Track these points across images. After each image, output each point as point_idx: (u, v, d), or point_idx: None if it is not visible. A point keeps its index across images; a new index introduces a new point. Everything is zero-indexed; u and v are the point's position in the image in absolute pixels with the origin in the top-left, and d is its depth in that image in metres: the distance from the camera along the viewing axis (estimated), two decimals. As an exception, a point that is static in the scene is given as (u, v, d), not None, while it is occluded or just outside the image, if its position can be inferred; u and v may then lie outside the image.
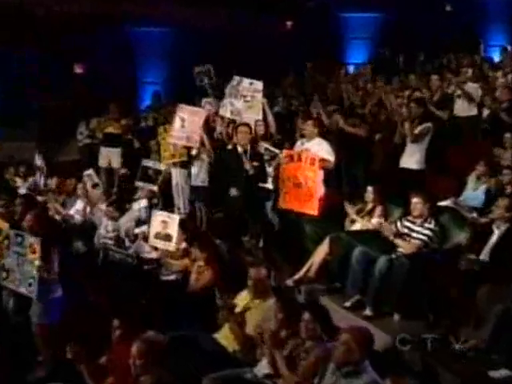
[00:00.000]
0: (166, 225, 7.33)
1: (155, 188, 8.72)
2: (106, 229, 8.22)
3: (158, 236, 7.36)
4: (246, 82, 8.57)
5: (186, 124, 8.55)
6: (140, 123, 12.91)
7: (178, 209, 9.04)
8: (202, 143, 8.65)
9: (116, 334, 4.92)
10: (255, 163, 7.57)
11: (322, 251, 6.79)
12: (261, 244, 8.26)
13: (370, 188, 7.16)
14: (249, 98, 8.50)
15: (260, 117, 8.34)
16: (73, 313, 5.84)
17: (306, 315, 4.57)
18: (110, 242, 8.06)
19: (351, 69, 13.98)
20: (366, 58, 14.96)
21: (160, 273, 7.24)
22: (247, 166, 7.49)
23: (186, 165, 9.24)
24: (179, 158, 9.13)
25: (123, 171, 11.39)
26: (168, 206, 9.01)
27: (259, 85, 8.52)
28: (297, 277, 6.77)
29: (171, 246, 7.28)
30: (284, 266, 7.25)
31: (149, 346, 4.23)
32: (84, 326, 5.56)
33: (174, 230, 7.28)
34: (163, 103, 13.45)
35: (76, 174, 10.52)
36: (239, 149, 7.65)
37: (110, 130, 11.24)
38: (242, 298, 5.46)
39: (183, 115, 8.59)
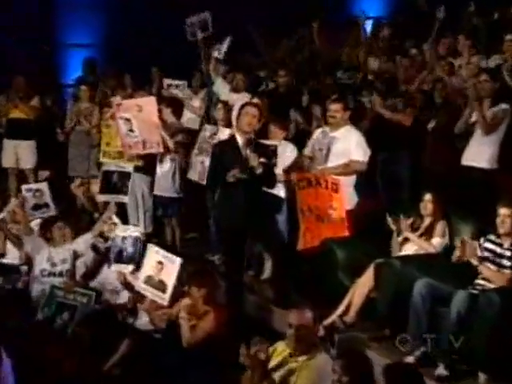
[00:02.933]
0: (161, 267, 7.08)
1: (126, 199, 8.64)
2: (50, 261, 8.05)
3: (148, 281, 7.11)
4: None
5: (134, 125, 8.57)
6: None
7: (135, 226, 8.97)
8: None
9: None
10: (262, 159, 7.32)
11: (364, 284, 6.84)
12: (266, 275, 8.30)
13: (428, 196, 7.22)
14: None
15: None
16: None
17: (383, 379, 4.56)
18: (59, 279, 7.90)
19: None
20: (385, 12, 14.96)
21: (135, 319, 7.20)
22: (254, 161, 7.15)
23: (146, 167, 9.29)
24: (135, 160, 9.18)
25: (46, 174, 11.26)
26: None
27: None
28: (329, 321, 6.77)
29: (163, 300, 7.01)
30: (306, 307, 7.20)
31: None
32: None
33: (171, 277, 6.99)
34: (101, 75, 13.26)
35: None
36: (239, 139, 7.44)
37: (15, 114, 11.11)
38: (279, 354, 5.41)
39: (123, 114, 8.58)
